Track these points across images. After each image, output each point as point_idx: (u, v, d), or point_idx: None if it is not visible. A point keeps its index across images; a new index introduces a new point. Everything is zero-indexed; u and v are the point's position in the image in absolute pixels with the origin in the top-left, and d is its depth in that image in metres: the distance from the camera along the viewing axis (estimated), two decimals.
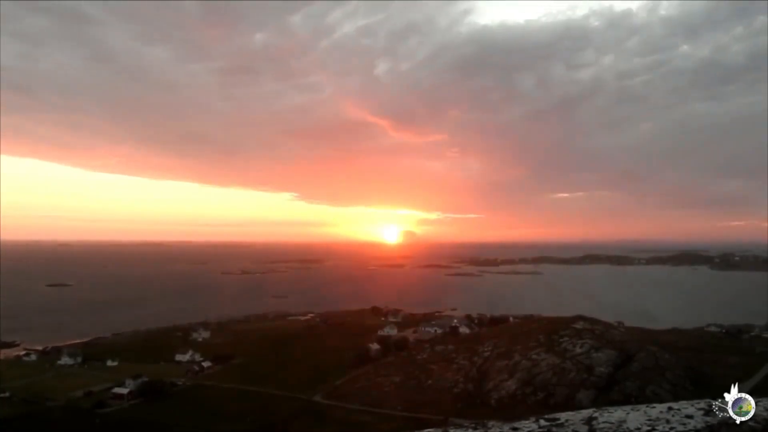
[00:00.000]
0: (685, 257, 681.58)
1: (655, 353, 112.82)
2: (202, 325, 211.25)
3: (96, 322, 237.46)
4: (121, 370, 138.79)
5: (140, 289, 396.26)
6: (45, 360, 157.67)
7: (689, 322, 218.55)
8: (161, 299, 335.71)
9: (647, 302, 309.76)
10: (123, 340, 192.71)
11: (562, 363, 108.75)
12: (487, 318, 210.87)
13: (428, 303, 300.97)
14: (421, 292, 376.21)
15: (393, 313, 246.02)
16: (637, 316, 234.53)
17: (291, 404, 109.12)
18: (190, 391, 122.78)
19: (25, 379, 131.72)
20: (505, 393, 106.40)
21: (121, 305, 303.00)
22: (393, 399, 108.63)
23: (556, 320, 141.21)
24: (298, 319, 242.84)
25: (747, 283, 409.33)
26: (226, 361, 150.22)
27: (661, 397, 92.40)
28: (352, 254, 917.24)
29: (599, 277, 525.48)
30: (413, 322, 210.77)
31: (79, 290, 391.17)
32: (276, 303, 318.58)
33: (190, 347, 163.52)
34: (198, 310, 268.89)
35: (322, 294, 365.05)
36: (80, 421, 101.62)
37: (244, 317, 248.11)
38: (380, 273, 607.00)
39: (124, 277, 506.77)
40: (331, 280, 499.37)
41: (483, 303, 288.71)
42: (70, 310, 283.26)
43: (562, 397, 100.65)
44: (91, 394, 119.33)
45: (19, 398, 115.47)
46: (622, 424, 6.53)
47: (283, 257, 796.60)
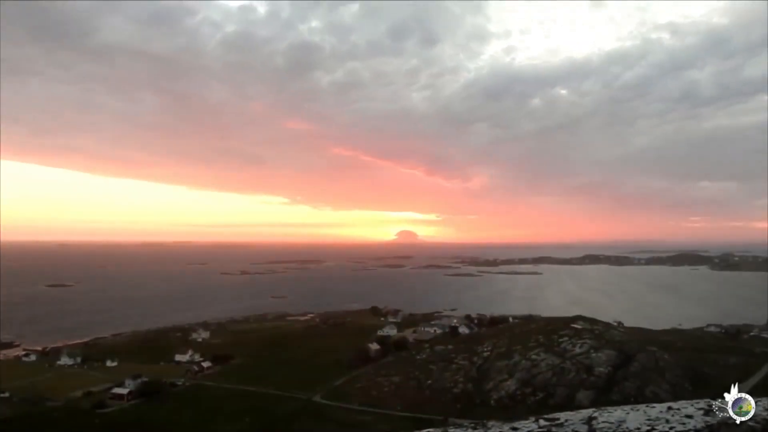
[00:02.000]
0: (685, 258, 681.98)
1: (655, 353, 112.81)
2: (202, 325, 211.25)
3: (96, 322, 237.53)
4: (121, 370, 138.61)
5: (140, 289, 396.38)
6: (45, 360, 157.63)
7: (689, 322, 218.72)
8: (161, 299, 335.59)
9: (647, 302, 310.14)
10: (123, 340, 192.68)
11: (562, 363, 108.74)
12: (486, 318, 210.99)
13: (428, 303, 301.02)
14: (421, 292, 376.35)
15: (393, 313, 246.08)
16: (637, 316, 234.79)
17: (290, 404, 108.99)
18: (190, 391, 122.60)
19: (25, 379, 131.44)
20: (505, 393, 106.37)
21: (120, 305, 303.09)
22: (393, 399, 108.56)
23: (556, 320, 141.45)
24: (297, 319, 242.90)
25: (746, 283, 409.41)
26: (226, 361, 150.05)
27: (660, 397, 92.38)
28: (352, 255, 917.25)
29: (599, 277, 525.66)
30: (413, 322, 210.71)
31: (79, 290, 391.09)
32: (275, 303, 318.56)
33: (189, 347, 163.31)
34: (198, 311, 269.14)
35: (322, 294, 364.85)
36: (80, 421, 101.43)
37: (243, 317, 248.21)
38: (380, 273, 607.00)
39: (124, 277, 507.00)
40: (331, 280, 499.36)
41: (483, 303, 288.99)
42: (70, 310, 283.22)
43: (562, 397, 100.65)
44: (90, 394, 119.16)
45: (19, 398, 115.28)
46: (621, 424, 6.55)
47: (282, 258, 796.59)
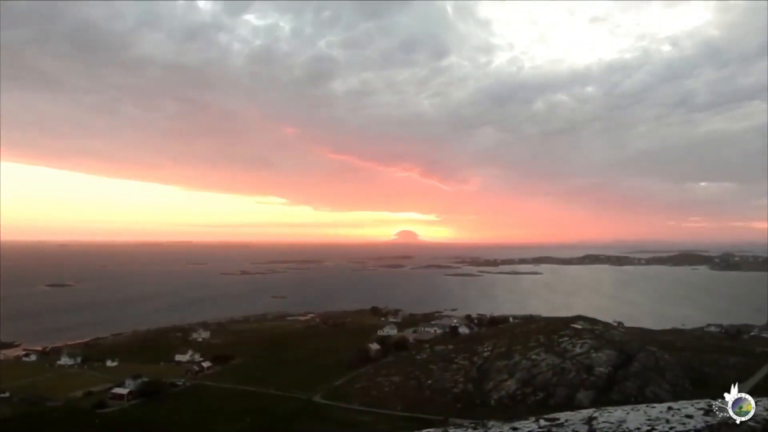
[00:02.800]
0: (685, 257, 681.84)
1: (655, 353, 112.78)
2: (202, 325, 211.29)
3: (96, 322, 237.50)
4: (121, 370, 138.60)
5: (140, 289, 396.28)
6: (45, 360, 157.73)
7: (689, 322, 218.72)
8: (161, 299, 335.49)
9: (647, 302, 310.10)
10: (123, 340, 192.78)
11: (562, 363, 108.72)
12: (486, 318, 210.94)
13: (428, 303, 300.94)
14: (421, 292, 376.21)
15: (393, 313, 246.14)
16: (637, 316, 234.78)
17: (291, 404, 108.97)
18: (190, 391, 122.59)
19: (25, 379, 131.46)
20: (505, 393, 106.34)
21: (120, 305, 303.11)
22: (393, 399, 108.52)
23: (556, 320, 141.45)
24: (297, 319, 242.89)
25: (747, 283, 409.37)
26: (226, 361, 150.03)
27: (660, 397, 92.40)
28: (352, 255, 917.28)
29: (599, 277, 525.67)
30: (413, 322, 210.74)
31: (79, 290, 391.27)
32: (275, 303, 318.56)
33: (189, 347, 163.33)
34: (198, 311, 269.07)
35: (322, 294, 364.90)
36: (80, 421, 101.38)
37: (243, 317, 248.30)
38: (380, 273, 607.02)
39: (123, 277, 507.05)
40: (331, 280, 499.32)
41: (483, 303, 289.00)
42: (70, 310, 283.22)
43: (562, 397, 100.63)
44: (91, 394, 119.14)
45: (19, 398, 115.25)
46: (621, 424, 6.55)
47: (282, 258, 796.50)
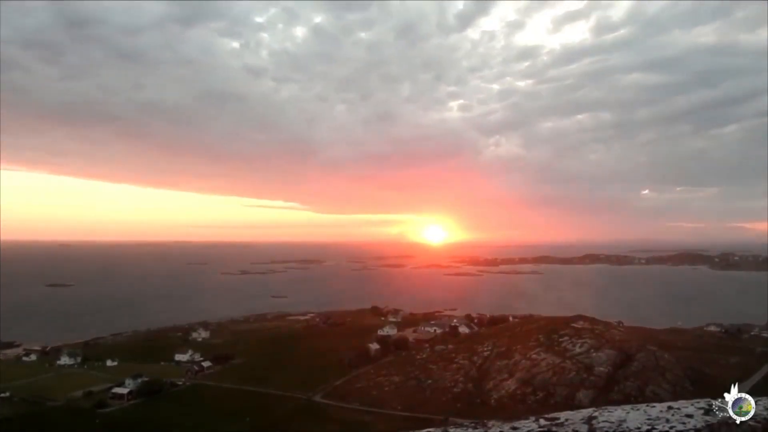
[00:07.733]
0: (685, 257, 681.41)
1: (655, 353, 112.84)
2: (202, 325, 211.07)
3: (96, 322, 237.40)
4: (121, 370, 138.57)
5: (140, 289, 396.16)
6: (45, 360, 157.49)
7: (689, 322, 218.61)
8: (161, 299, 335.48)
9: (647, 302, 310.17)
10: (123, 340, 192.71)
11: (562, 363, 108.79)
12: (486, 318, 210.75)
13: (428, 303, 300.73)
14: (421, 292, 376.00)
15: (393, 313, 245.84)
16: (637, 315, 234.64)
17: (291, 404, 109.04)
18: (190, 391, 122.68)
19: (25, 379, 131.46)
20: (505, 393, 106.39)
21: (121, 305, 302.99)
22: (393, 399, 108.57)
23: (556, 320, 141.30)
24: (297, 319, 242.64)
25: (747, 283, 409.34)
26: (226, 361, 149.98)
27: (660, 397, 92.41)
28: (352, 254, 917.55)
29: (599, 276, 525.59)
30: (413, 322, 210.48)
31: (79, 290, 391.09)
32: (275, 303, 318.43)
33: (189, 347, 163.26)
34: (198, 310, 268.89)
35: (322, 294, 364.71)
36: (80, 421, 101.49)
37: (243, 317, 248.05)
38: (380, 273, 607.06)
39: (124, 277, 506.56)
40: (331, 280, 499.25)
41: (483, 303, 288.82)
42: (70, 310, 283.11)
43: (562, 396, 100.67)
44: (91, 394, 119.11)
45: (19, 398, 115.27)
46: (621, 423, 6.54)
47: (282, 257, 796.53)
